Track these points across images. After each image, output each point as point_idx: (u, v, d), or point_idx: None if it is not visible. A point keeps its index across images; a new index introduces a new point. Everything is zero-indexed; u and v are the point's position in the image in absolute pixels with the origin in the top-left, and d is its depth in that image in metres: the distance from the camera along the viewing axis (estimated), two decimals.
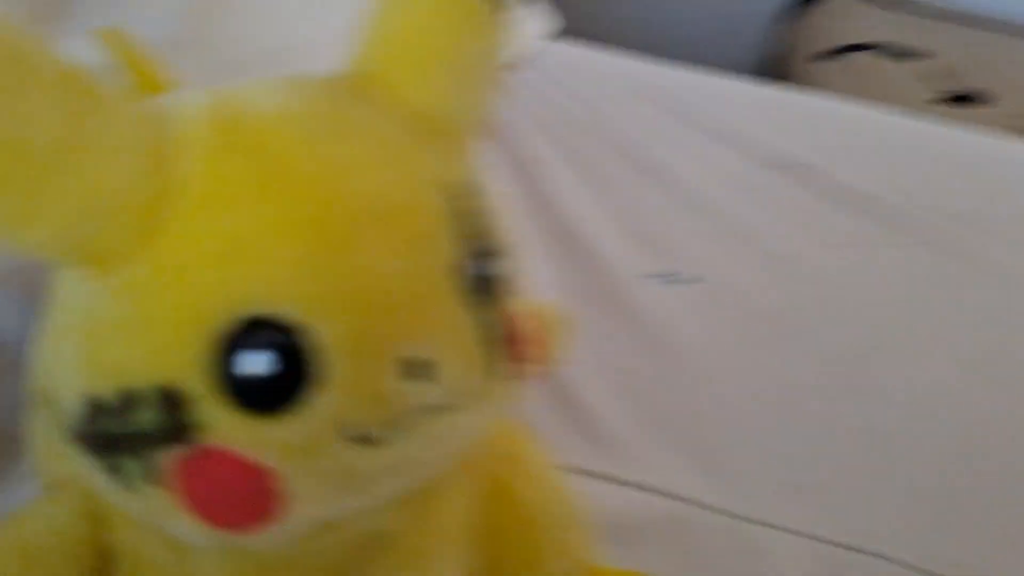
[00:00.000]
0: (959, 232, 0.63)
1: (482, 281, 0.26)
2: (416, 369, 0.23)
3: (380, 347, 0.23)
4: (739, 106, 0.75)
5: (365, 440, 0.23)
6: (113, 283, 0.22)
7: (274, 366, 0.22)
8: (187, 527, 0.24)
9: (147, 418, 0.22)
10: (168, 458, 0.22)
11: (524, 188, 0.62)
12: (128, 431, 0.23)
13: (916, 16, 1.61)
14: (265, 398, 0.22)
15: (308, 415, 0.22)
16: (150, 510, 0.24)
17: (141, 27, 0.32)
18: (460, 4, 0.27)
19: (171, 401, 0.22)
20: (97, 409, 0.23)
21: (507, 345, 0.27)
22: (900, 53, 1.47)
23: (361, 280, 0.23)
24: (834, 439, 0.47)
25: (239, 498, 0.23)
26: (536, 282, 0.45)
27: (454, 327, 0.24)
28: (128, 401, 0.22)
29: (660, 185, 0.64)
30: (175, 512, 0.23)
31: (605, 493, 0.42)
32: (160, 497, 0.23)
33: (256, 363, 0.22)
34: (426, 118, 0.27)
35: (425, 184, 0.25)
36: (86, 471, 0.24)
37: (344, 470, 0.23)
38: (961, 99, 1.37)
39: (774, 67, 1.65)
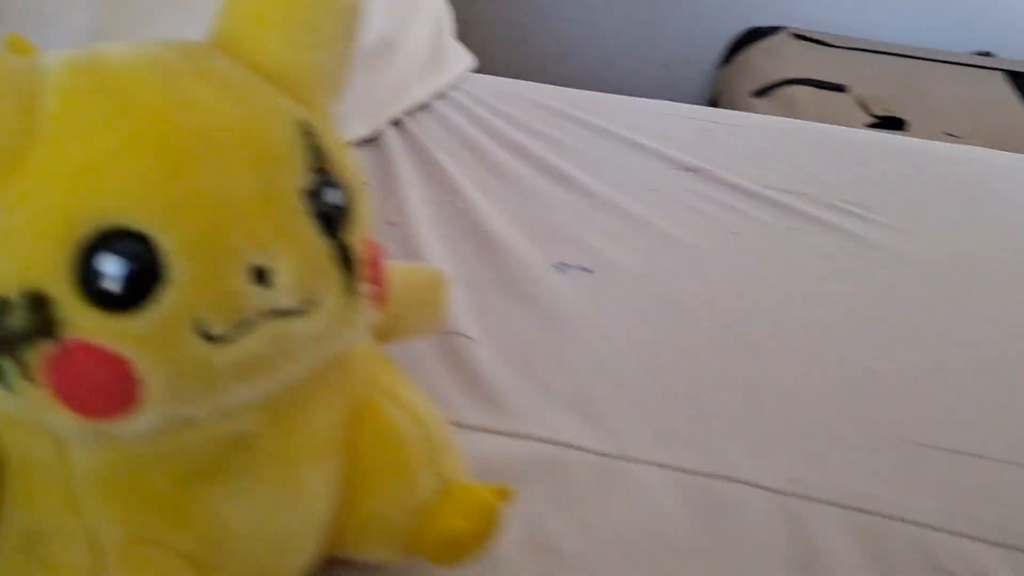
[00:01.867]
0: (843, 218, 0.67)
1: (334, 208, 0.29)
2: (261, 275, 0.26)
3: (223, 252, 0.25)
4: (649, 120, 0.80)
5: (212, 337, 0.26)
6: None
7: (125, 268, 0.24)
8: (61, 420, 0.26)
9: (18, 319, 0.24)
10: (39, 355, 0.25)
11: (438, 187, 0.66)
12: (2, 333, 0.26)
13: (836, 50, 1.70)
14: (120, 297, 0.24)
15: (158, 311, 0.24)
16: (28, 407, 0.26)
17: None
18: None
19: (38, 303, 0.24)
20: None
21: (358, 269, 0.30)
22: (825, 85, 1.54)
23: (203, 193, 0.25)
24: (705, 389, 0.50)
25: (102, 387, 0.25)
26: (450, 272, 0.49)
27: (301, 241, 0.27)
28: (3, 305, 0.25)
29: (569, 190, 0.69)
30: (49, 406, 0.25)
31: (486, 442, 0.44)
32: (35, 393, 0.25)
33: (109, 266, 0.24)
34: (281, 74, 0.30)
35: (278, 118, 0.28)
36: None
37: (195, 363, 0.25)
38: (886, 123, 1.44)
39: (719, 105, 1.73)
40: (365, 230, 0.31)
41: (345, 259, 0.29)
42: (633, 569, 0.40)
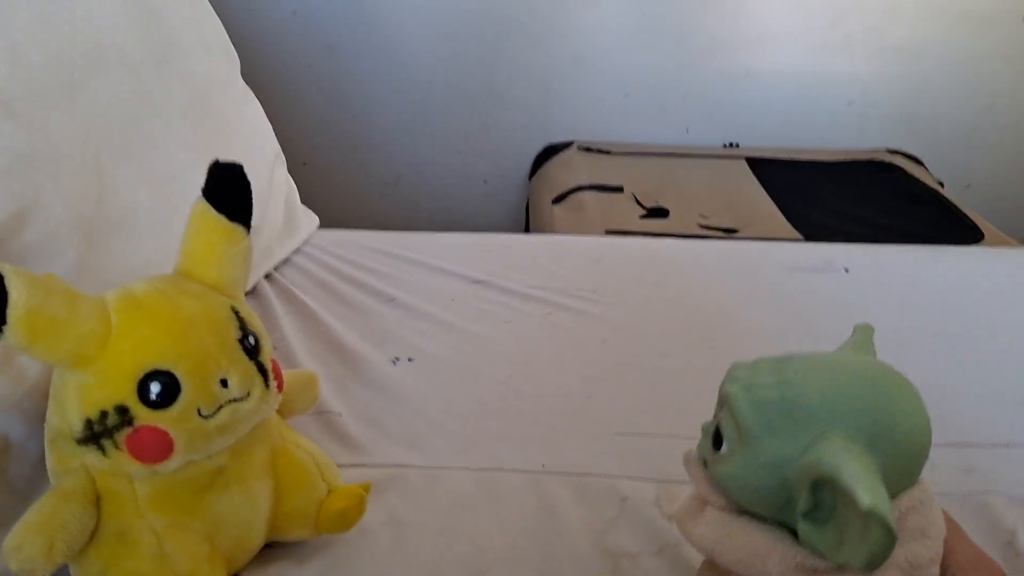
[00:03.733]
0: (577, 301, 0.98)
1: (252, 346, 0.58)
2: (224, 383, 0.55)
3: (206, 375, 0.51)
4: (446, 249, 1.07)
5: (204, 415, 0.53)
6: (91, 369, 0.52)
7: (161, 387, 0.51)
8: (132, 467, 0.52)
9: (112, 420, 0.51)
10: (123, 436, 0.52)
11: (307, 322, 0.92)
12: (105, 428, 0.52)
13: (614, 156, 2.02)
14: (160, 402, 0.50)
15: (179, 406, 0.51)
16: (117, 464, 0.52)
17: None
18: (224, 233, 0.60)
19: (122, 410, 0.50)
20: (89, 423, 0.51)
21: (269, 374, 0.59)
22: (606, 188, 1.86)
23: (195, 348, 0.52)
24: (486, 421, 0.76)
25: (154, 447, 0.52)
26: (319, 372, 0.76)
27: (240, 364, 0.53)
28: (103, 415, 0.51)
29: (394, 307, 0.95)
30: (128, 461, 0.52)
31: (353, 472, 0.68)
32: (119, 455, 0.52)
33: (154, 388, 0.51)
34: (217, 284, 0.59)
35: (221, 306, 0.54)
36: (84, 456, 0.53)
37: (197, 430, 0.53)
38: (654, 213, 1.77)
39: (531, 212, 2.03)
40: (268, 354, 0.59)
41: (262, 370, 0.57)
42: (448, 528, 0.65)
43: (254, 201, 0.60)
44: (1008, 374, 0.87)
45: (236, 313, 0.56)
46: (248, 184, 0.58)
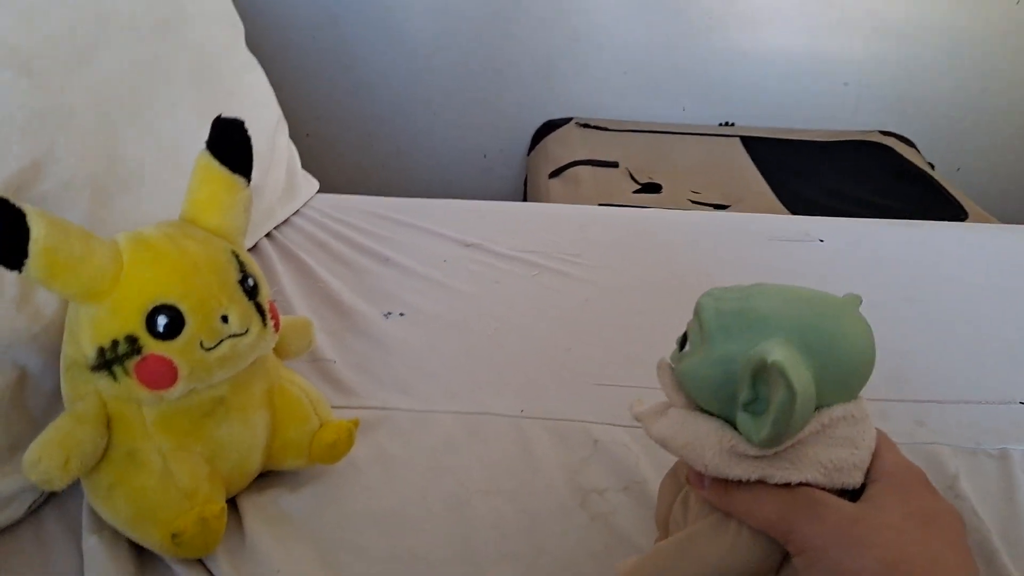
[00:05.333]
0: (563, 264, 1.02)
1: (251, 287, 0.63)
2: (225, 318, 0.60)
3: (208, 310, 0.56)
4: (442, 213, 1.12)
5: (206, 348, 0.59)
6: (104, 303, 0.57)
7: (167, 320, 0.56)
8: (142, 394, 0.57)
9: (123, 348, 0.56)
10: (132, 363, 0.57)
11: (306, 279, 0.97)
12: (116, 356, 0.57)
13: (611, 132, 2.06)
14: (166, 333, 0.55)
15: (183, 338, 0.55)
16: (126, 390, 0.56)
17: None
18: (226, 183, 0.65)
19: (132, 340, 0.55)
20: (101, 351, 0.56)
21: (266, 313, 0.64)
22: (601, 163, 1.90)
23: (199, 286, 0.56)
24: (473, 368, 0.81)
25: (161, 375, 0.57)
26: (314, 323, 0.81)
27: (239, 303, 0.58)
28: (115, 343, 0.56)
29: (388, 266, 0.99)
30: (137, 387, 0.57)
31: (345, 414, 0.71)
32: (129, 382, 0.57)
33: (161, 320, 0.56)
34: (219, 230, 0.64)
35: (223, 250, 0.59)
36: (97, 382, 0.58)
37: (200, 361, 0.57)
38: (647, 188, 1.81)
39: (528, 187, 2.07)
40: (266, 296, 0.64)
41: (259, 309, 0.62)
42: (434, 465, 0.70)
43: (256, 162, 0.65)
44: (967, 336, 0.92)
45: (236, 257, 0.61)
46: (249, 138, 0.63)
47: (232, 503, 0.65)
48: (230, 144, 0.63)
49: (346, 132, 2.20)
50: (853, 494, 0.41)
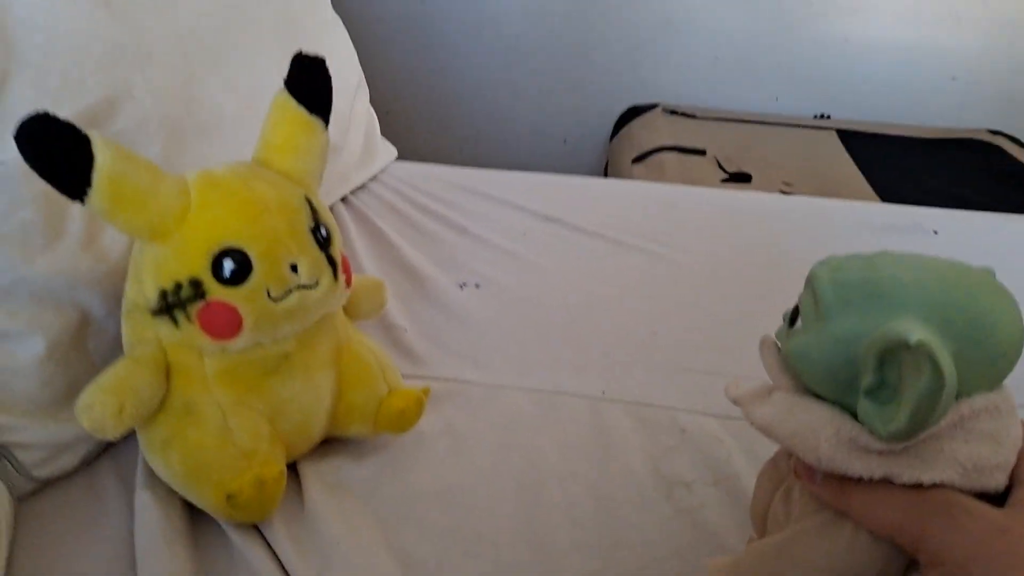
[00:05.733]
0: (645, 243, 0.97)
1: (323, 237, 0.58)
2: (294, 268, 0.56)
3: (277, 258, 0.51)
4: (523, 187, 1.07)
5: (273, 298, 0.55)
6: (169, 242, 0.53)
7: (234, 265, 0.52)
8: (202, 342, 0.53)
9: (186, 292, 0.52)
10: (195, 309, 0.53)
11: (379, 244, 0.94)
12: (179, 300, 0.54)
13: (699, 120, 1.99)
14: (232, 279, 0.51)
15: (249, 285, 0.51)
16: (188, 337, 0.53)
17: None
18: (303, 124, 0.61)
19: (195, 283, 0.51)
20: (163, 294, 0.52)
21: (338, 266, 0.59)
22: (688, 150, 1.83)
23: (268, 230, 0.52)
24: (549, 344, 0.76)
25: (225, 324, 0.53)
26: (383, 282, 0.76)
27: (310, 252, 0.53)
28: (178, 287, 0.52)
29: (465, 236, 0.95)
30: (199, 335, 0.53)
31: (414, 383, 0.68)
32: (191, 329, 0.53)
33: (228, 265, 0.51)
34: (293, 175, 0.60)
35: (295, 195, 0.55)
36: (158, 328, 0.55)
37: (266, 311, 0.53)
38: (736, 178, 1.73)
39: (610, 173, 2.01)
40: (339, 248, 0.60)
41: (331, 261, 0.58)
42: (504, 443, 0.65)
43: (334, 121, 0.61)
44: None
45: (309, 203, 0.57)
46: (329, 78, 0.59)
47: (292, 468, 0.61)
48: (310, 83, 0.59)
49: (425, 111, 2.17)
50: (994, 499, 0.36)
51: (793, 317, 0.39)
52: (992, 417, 0.35)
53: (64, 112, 0.48)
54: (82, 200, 0.49)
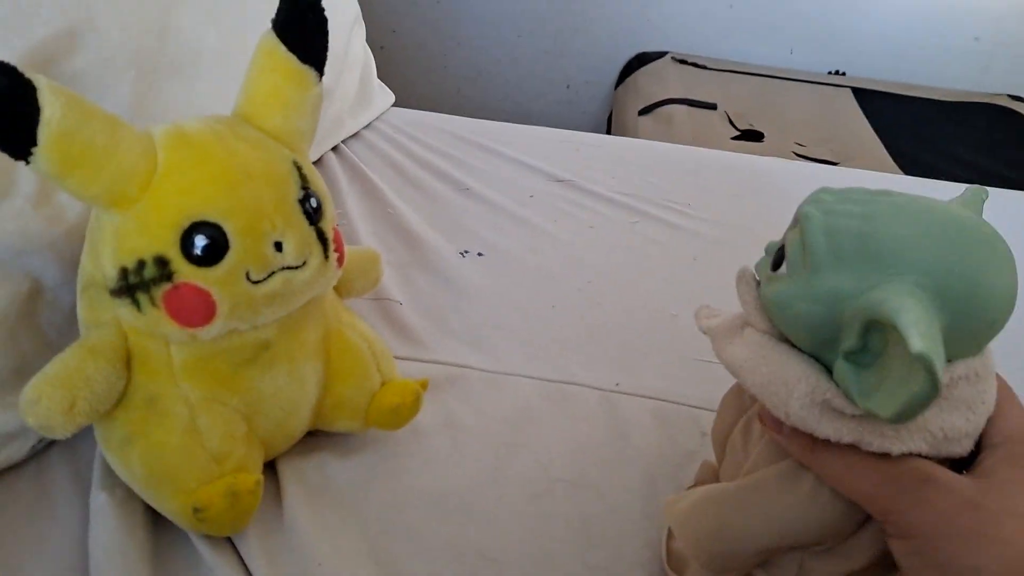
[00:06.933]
0: (666, 212, 0.89)
1: (313, 209, 0.50)
2: (279, 246, 0.48)
3: (259, 233, 0.44)
4: (530, 143, 0.98)
5: (253, 280, 0.47)
6: (131, 212, 0.45)
7: (207, 242, 0.44)
8: (169, 329, 0.45)
9: (150, 271, 0.45)
10: (160, 291, 0.45)
11: (373, 201, 0.85)
12: (141, 280, 0.46)
13: (710, 72, 1.91)
14: (205, 258, 0.43)
15: (225, 265, 0.43)
16: (151, 323, 0.45)
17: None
18: (293, 75, 0.52)
19: (161, 262, 0.43)
20: (124, 272, 0.45)
21: (328, 243, 0.51)
22: (698, 104, 1.75)
23: (249, 201, 0.44)
24: (559, 328, 0.69)
25: (194, 309, 0.45)
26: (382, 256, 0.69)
27: (298, 227, 0.46)
28: (140, 264, 0.44)
29: (468, 197, 0.87)
30: (164, 321, 0.45)
31: (412, 367, 0.63)
32: (156, 314, 0.44)
33: (199, 241, 0.43)
34: (280, 134, 0.51)
35: (282, 159, 0.47)
36: (117, 309, 0.47)
37: (244, 295, 0.45)
38: (747, 135, 1.65)
39: (613, 123, 1.93)
40: (331, 221, 0.52)
41: (321, 237, 0.50)
42: (511, 441, 0.59)
43: (328, 62, 0.52)
44: None
45: (298, 169, 0.49)
46: (325, 21, 0.50)
47: (270, 466, 0.54)
48: (302, 27, 0.50)
49: (423, 48, 2.07)
50: (957, 463, 0.35)
51: (777, 258, 0.37)
52: (970, 383, 0.34)
53: (11, 48, 0.40)
54: (27, 160, 0.41)
